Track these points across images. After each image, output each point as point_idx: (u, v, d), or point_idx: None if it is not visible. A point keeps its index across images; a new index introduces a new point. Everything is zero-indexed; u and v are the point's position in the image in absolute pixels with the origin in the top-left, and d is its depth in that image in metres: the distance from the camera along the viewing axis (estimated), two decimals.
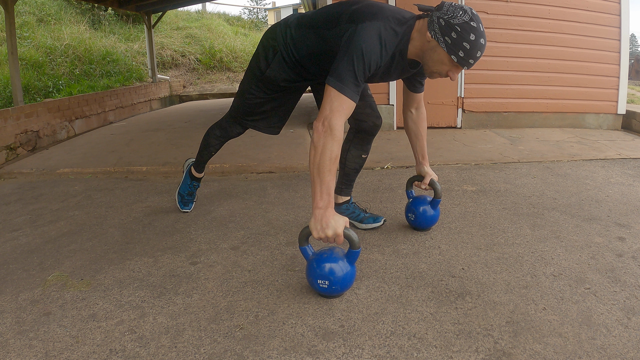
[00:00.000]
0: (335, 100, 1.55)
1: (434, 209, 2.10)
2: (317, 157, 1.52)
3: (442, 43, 1.54)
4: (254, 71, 1.98)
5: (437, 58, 1.60)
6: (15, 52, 4.39)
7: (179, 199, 2.48)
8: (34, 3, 8.95)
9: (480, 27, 1.53)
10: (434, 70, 1.65)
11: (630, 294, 1.56)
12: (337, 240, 1.50)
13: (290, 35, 1.84)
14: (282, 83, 1.95)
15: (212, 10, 14.68)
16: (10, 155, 3.97)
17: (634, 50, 37.05)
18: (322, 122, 1.54)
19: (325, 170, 1.51)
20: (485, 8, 4.57)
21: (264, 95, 2.02)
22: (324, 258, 1.56)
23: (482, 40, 1.53)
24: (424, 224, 2.13)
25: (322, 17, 1.78)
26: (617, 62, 4.78)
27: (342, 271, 1.53)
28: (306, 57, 1.84)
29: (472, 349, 1.30)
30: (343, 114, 1.55)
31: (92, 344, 1.36)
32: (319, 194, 1.51)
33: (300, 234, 1.59)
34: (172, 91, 9.19)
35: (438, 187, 2.08)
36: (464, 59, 1.54)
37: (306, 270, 1.59)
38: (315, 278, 1.54)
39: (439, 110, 4.78)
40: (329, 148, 1.51)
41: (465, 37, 1.50)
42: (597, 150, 3.77)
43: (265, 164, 3.45)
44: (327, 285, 1.53)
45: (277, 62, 1.90)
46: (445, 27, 1.52)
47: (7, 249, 2.08)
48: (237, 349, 1.33)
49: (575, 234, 2.09)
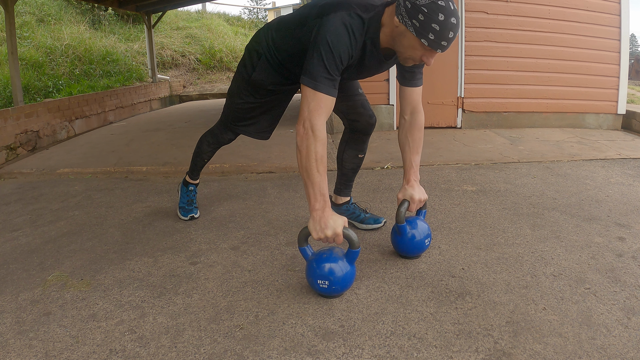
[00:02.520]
0: (312, 99, 1.52)
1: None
2: (303, 160, 1.51)
3: (410, 27, 1.46)
4: (242, 75, 1.96)
5: (408, 43, 1.51)
6: (15, 52, 4.39)
7: (181, 212, 2.38)
8: (34, 3, 8.95)
9: (450, 6, 1.43)
10: (407, 56, 1.58)
11: (630, 294, 1.56)
12: (336, 240, 1.50)
13: (272, 37, 1.83)
14: (269, 87, 1.93)
15: (212, 10, 14.69)
16: (10, 155, 3.97)
17: (634, 50, 37.03)
18: (303, 124, 1.52)
19: (313, 172, 1.50)
20: (485, 8, 4.57)
21: (253, 100, 1.99)
22: (323, 258, 1.56)
23: (452, 19, 1.42)
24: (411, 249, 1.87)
25: (295, 17, 1.76)
26: (617, 62, 4.78)
27: (341, 271, 1.53)
28: (287, 59, 1.82)
29: (472, 349, 1.30)
30: (322, 112, 1.53)
31: (92, 344, 1.36)
32: (313, 196, 1.51)
33: (299, 234, 1.59)
34: (172, 91, 9.19)
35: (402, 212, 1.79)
36: (434, 41, 1.45)
37: (306, 270, 1.59)
38: (315, 278, 1.54)
39: (439, 110, 4.78)
40: (312, 149, 1.50)
41: (434, 18, 1.41)
42: (597, 150, 3.77)
43: (265, 164, 3.45)
44: (327, 285, 1.53)
45: (262, 65, 1.88)
46: (412, 10, 1.43)
47: (7, 249, 2.08)
48: (237, 349, 1.33)
49: (575, 234, 2.09)
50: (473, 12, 4.54)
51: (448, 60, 4.63)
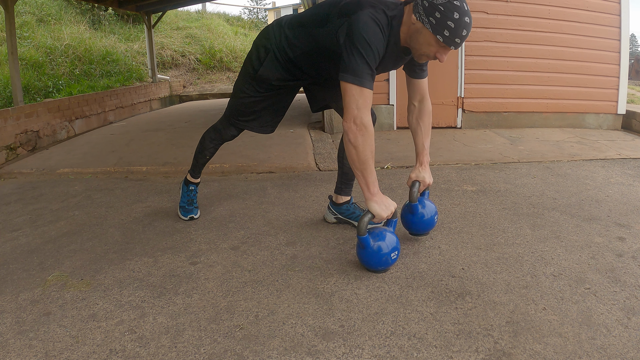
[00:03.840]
0: (359, 96, 1.60)
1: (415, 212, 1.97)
2: (360, 155, 1.63)
3: (426, 24, 1.56)
4: (248, 70, 2.01)
5: (424, 40, 1.61)
6: (15, 52, 4.39)
7: (181, 212, 2.38)
8: (34, 3, 8.95)
9: (464, 6, 1.55)
10: (422, 53, 1.67)
11: (630, 294, 1.56)
12: (396, 214, 1.76)
13: (285, 35, 1.87)
14: (274, 82, 1.97)
15: (212, 10, 14.70)
16: (10, 155, 3.97)
17: (634, 50, 37.05)
18: (354, 121, 1.62)
19: (370, 164, 1.65)
20: (485, 8, 4.57)
21: (256, 95, 2.03)
22: (385, 235, 1.71)
23: (466, 18, 1.55)
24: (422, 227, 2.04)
25: (312, 16, 1.82)
26: (617, 62, 4.78)
27: (397, 240, 1.75)
28: (300, 57, 1.87)
29: (472, 349, 1.30)
30: (369, 107, 1.64)
31: (92, 344, 1.36)
32: (372, 183, 1.67)
33: (360, 225, 1.66)
34: (172, 91, 9.19)
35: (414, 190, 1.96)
36: (449, 38, 1.55)
37: (370, 255, 1.69)
38: (389, 254, 1.69)
39: (439, 110, 4.77)
40: (368, 144, 1.63)
41: (449, 16, 1.52)
42: (597, 150, 3.77)
43: (265, 164, 3.45)
44: (396, 254, 1.72)
45: (270, 61, 1.92)
46: (429, 8, 1.54)
47: (7, 249, 2.08)
48: (237, 349, 1.33)
49: (575, 234, 2.09)
50: (473, 12, 4.47)
51: (448, 60, 4.62)
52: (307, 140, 4.27)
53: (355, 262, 1.83)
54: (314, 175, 3.20)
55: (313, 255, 1.92)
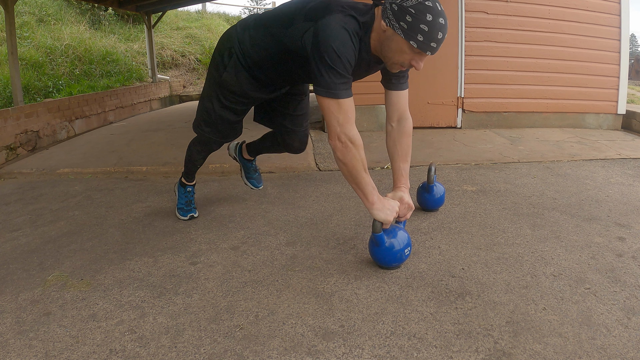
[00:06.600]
0: (338, 112, 1.51)
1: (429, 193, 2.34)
2: (352, 170, 1.59)
3: (397, 30, 1.43)
4: (213, 77, 1.93)
5: (396, 47, 1.48)
6: (15, 52, 4.39)
7: (180, 213, 2.37)
8: (34, 3, 8.94)
9: (438, 6, 1.41)
10: (395, 62, 1.54)
11: (630, 294, 1.56)
12: (400, 214, 1.77)
13: (249, 35, 1.77)
14: (237, 92, 1.90)
15: (212, 10, 14.64)
16: (10, 155, 3.97)
17: (634, 50, 37.05)
18: (339, 139, 1.54)
19: (362, 177, 1.61)
20: (485, 8, 4.57)
21: (225, 103, 1.96)
22: (398, 232, 1.73)
23: (440, 19, 1.41)
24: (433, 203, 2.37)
25: (276, 16, 1.71)
26: (617, 62, 4.78)
27: (408, 236, 1.78)
28: (264, 59, 1.76)
29: (472, 349, 1.30)
30: (351, 118, 1.55)
31: (92, 344, 1.36)
32: (370, 193, 1.63)
33: (375, 224, 1.68)
34: (172, 91, 9.19)
35: (431, 172, 2.29)
36: (424, 43, 1.42)
37: (385, 252, 1.71)
38: (403, 250, 1.72)
39: (439, 110, 4.78)
40: (357, 158, 1.57)
41: (421, 19, 1.39)
42: (597, 150, 3.77)
43: (265, 164, 3.45)
44: (409, 250, 1.76)
45: (233, 64, 1.83)
46: (399, 12, 1.41)
47: (7, 249, 2.08)
48: (237, 349, 1.33)
49: (575, 234, 2.09)
50: (473, 12, 4.54)
51: (448, 60, 4.63)
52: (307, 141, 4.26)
53: (355, 262, 1.83)
54: (314, 175, 3.20)
55: (313, 255, 1.92)
